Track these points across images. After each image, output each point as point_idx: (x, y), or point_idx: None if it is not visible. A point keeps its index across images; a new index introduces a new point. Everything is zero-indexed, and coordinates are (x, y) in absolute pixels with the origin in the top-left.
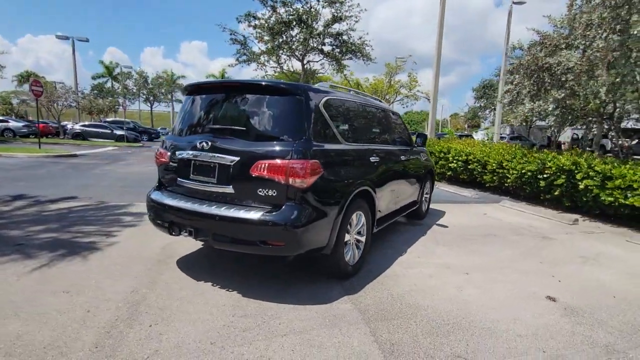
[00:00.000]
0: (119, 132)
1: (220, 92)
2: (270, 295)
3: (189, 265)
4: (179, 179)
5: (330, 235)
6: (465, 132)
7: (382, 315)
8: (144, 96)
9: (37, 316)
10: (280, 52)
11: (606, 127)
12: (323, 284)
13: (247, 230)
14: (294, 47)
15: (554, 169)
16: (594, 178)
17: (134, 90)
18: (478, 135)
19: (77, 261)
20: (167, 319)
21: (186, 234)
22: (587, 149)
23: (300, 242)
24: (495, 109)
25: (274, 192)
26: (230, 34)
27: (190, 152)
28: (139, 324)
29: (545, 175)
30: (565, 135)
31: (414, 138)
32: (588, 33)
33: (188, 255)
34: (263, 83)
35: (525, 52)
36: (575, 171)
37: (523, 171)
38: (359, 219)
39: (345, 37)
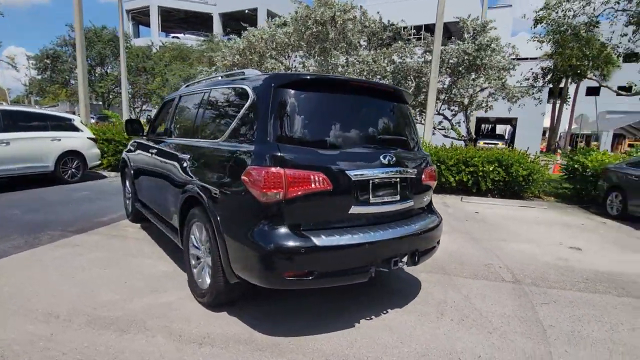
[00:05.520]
0: None
1: (361, 94)
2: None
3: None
4: (354, 206)
5: None
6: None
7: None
8: None
9: None
10: None
11: None
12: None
13: (436, 236)
14: None
15: None
16: None
17: None
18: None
19: None
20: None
21: (386, 268)
22: None
23: None
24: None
25: (429, 196)
26: None
27: (377, 170)
28: None
29: None
30: None
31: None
32: (289, 51)
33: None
34: (398, 89)
35: (239, 52)
36: None
37: None
38: None
39: None
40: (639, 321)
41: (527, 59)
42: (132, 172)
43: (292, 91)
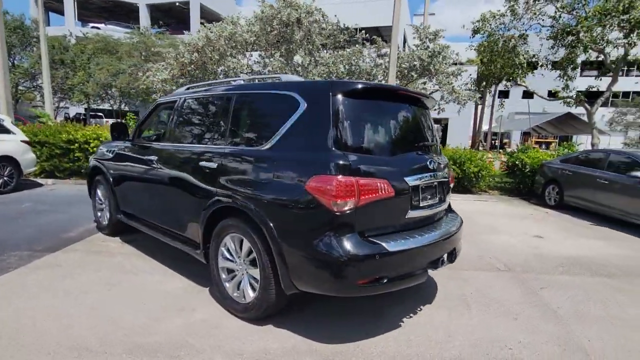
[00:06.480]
0: None
1: (404, 101)
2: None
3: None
4: (410, 211)
5: None
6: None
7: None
8: None
9: None
10: None
11: None
12: None
13: (462, 234)
14: None
15: None
16: None
17: None
18: None
19: None
20: None
21: (433, 268)
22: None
23: None
24: None
25: (450, 197)
26: None
27: (426, 175)
28: None
29: None
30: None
31: None
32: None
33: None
34: (429, 96)
35: (199, 50)
36: None
37: None
38: None
39: None
40: (619, 296)
41: (461, 64)
42: (111, 180)
43: (349, 99)
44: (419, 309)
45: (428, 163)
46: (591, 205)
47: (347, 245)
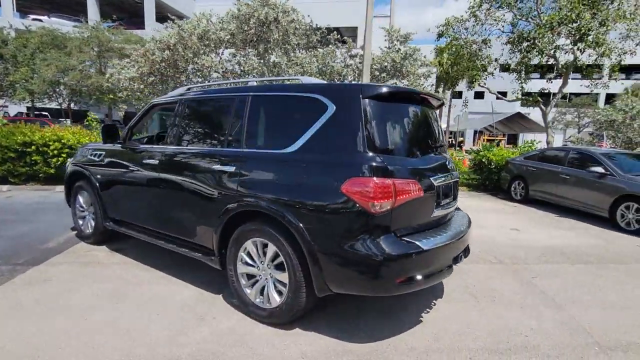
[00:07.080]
0: None
1: (422, 103)
2: None
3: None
4: (435, 210)
5: None
6: None
7: None
8: None
9: None
10: None
11: None
12: None
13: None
14: None
15: None
16: None
17: None
18: None
19: None
20: None
21: (454, 264)
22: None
23: None
24: None
25: None
26: None
27: (446, 174)
28: None
29: None
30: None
31: None
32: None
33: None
34: (441, 98)
35: (171, 48)
36: None
37: None
38: None
39: None
40: (600, 282)
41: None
42: (98, 185)
43: (377, 102)
44: (432, 303)
45: (447, 163)
46: (555, 199)
47: (386, 245)
